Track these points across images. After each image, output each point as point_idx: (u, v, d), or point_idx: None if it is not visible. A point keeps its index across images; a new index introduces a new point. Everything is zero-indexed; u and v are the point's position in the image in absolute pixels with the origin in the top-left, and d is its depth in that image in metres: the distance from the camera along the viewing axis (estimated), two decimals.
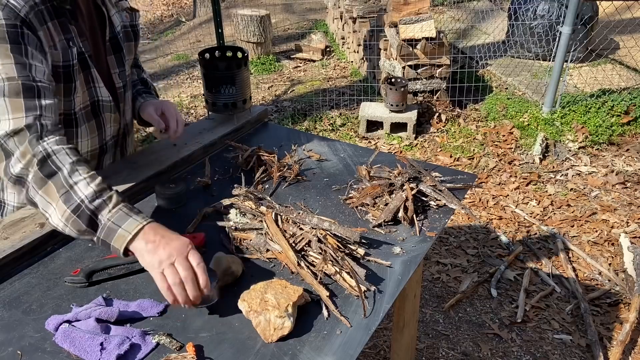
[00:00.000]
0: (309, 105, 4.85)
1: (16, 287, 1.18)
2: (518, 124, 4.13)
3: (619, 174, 3.58)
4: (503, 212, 3.30)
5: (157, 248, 1.02)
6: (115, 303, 1.13)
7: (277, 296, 1.06)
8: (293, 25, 7.40)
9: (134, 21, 1.54)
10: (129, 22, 1.51)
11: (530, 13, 4.92)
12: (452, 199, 1.47)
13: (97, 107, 1.44)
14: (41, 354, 1.01)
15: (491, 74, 4.96)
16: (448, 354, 2.36)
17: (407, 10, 4.34)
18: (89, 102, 1.41)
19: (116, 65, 1.48)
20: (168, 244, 1.03)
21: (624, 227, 3.10)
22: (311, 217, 1.29)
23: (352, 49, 5.84)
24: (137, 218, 1.05)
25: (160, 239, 1.04)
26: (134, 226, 1.04)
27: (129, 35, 1.51)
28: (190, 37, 7.22)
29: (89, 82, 1.39)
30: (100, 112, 1.46)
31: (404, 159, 1.66)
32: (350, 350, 1.02)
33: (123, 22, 1.49)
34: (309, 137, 1.89)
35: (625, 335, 2.33)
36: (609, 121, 3.98)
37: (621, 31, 4.70)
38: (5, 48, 1.13)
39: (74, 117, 1.38)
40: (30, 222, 1.32)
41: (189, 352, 1.00)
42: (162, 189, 1.45)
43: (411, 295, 1.75)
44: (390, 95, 4.07)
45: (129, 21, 1.52)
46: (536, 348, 2.38)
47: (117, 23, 1.46)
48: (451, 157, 3.92)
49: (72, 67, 1.31)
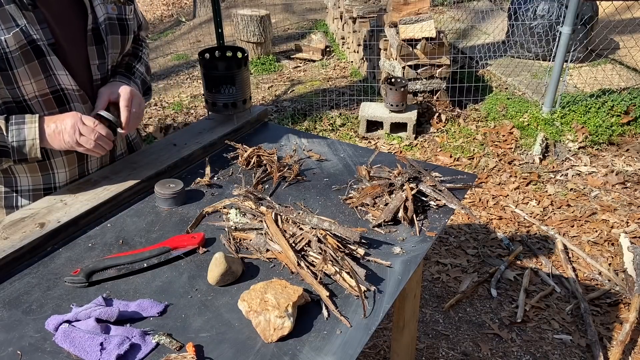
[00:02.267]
0: (309, 105, 4.85)
1: (16, 287, 1.18)
2: (518, 124, 4.13)
3: (619, 174, 3.58)
4: (503, 212, 3.30)
5: (61, 132, 1.30)
6: (115, 303, 1.13)
7: (277, 296, 1.07)
8: (293, 25, 7.40)
9: (122, 14, 1.48)
10: (116, 14, 1.46)
11: (530, 13, 4.92)
12: (452, 199, 1.47)
13: (62, 96, 1.39)
14: (41, 354, 1.01)
15: (491, 74, 4.96)
16: (448, 354, 2.36)
17: (407, 10, 4.34)
18: (49, 90, 1.36)
19: (96, 56, 1.43)
20: (64, 125, 1.30)
21: (624, 227, 3.10)
22: (311, 217, 1.29)
23: (352, 49, 5.84)
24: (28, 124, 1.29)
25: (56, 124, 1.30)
26: (32, 135, 1.29)
27: (114, 28, 1.46)
28: (190, 37, 7.22)
29: (47, 70, 1.33)
30: (67, 102, 1.40)
31: (404, 159, 1.66)
32: (350, 350, 1.02)
33: (109, 14, 1.44)
34: (309, 137, 1.89)
35: (625, 335, 2.33)
36: (609, 121, 3.98)
37: (621, 31, 4.70)
38: None
39: (26, 104, 1.34)
40: (30, 222, 1.32)
41: (189, 352, 1.00)
42: (161, 188, 1.45)
43: (411, 295, 1.75)
44: (390, 95, 4.07)
45: (116, 14, 1.47)
46: (536, 348, 2.38)
47: (100, 14, 1.42)
48: (451, 157, 3.92)
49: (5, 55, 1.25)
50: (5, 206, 1.48)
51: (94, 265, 1.21)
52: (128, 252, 1.26)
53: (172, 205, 1.46)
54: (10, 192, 1.47)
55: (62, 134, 1.31)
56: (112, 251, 1.29)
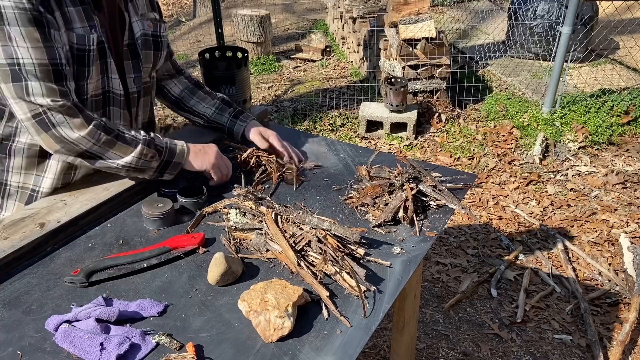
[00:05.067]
0: (309, 105, 4.85)
1: (16, 287, 1.18)
2: (518, 124, 4.13)
3: (619, 174, 3.58)
4: (503, 212, 3.30)
5: (206, 153, 1.49)
6: (115, 303, 1.13)
7: (277, 296, 1.07)
8: (293, 25, 7.40)
9: (157, 31, 1.57)
10: (151, 31, 1.54)
11: (530, 13, 4.92)
12: (452, 199, 1.47)
13: (107, 97, 1.46)
14: (41, 354, 1.01)
15: (491, 74, 4.96)
16: (448, 354, 2.36)
17: (407, 11, 4.34)
18: (101, 90, 1.44)
19: (132, 70, 1.51)
20: (210, 149, 1.50)
21: (624, 227, 3.10)
22: (311, 217, 1.29)
23: (352, 49, 5.84)
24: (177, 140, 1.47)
25: (201, 147, 1.49)
26: (182, 143, 1.46)
27: (148, 44, 1.54)
28: (190, 37, 7.22)
29: (104, 71, 1.42)
30: (109, 104, 1.47)
31: (404, 159, 1.66)
32: (350, 350, 1.02)
33: (144, 31, 1.52)
34: (309, 137, 1.89)
35: (625, 335, 2.33)
36: (609, 121, 3.98)
37: (621, 31, 4.70)
38: (31, 31, 1.20)
39: (85, 102, 1.40)
40: (30, 222, 1.32)
41: (189, 352, 1.00)
42: (149, 209, 1.37)
43: (411, 295, 1.75)
44: (390, 95, 4.07)
45: (152, 30, 1.55)
46: (536, 348, 2.38)
47: (136, 30, 1.50)
48: (451, 157, 3.92)
49: (88, 52, 1.34)
50: None
51: (94, 265, 1.21)
52: (128, 252, 1.26)
53: (161, 227, 1.37)
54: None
55: (207, 154, 1.49)
56: (112, 251, 1.29)
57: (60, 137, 1.28)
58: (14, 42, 1.20)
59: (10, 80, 1.22)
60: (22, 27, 1.20)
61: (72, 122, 1.28)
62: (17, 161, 1.42)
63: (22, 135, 1.39)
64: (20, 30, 1.20)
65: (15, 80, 1.22)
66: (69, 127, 1.28)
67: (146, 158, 1.38)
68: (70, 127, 1.28)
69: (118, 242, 1.32)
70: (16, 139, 1.40)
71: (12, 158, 1.42)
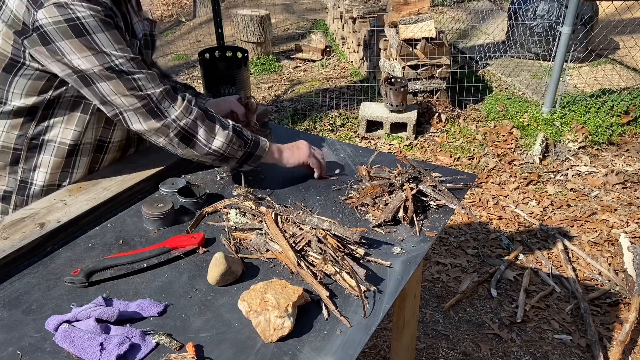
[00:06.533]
0: (309, 105, 4.85)
1: (16, 287, 1.18)
2: (518, 124, 4.13)
3: (619, 174, 3.58)
4: (503, 212, 3.30)
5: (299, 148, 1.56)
6: (115, 303, 1.13)
7: (277, 296, 1.07)
8: (293, 25, 7.40)
9: (152, 31, 1.61)
10: (148, 31, 1.58)
11: (530, 13, 4.92)
12: (452, 199, 1.47)
13: None
14: (41, 354, 1.01)
15: (491, 74, 4.96)
16: (448, 354, 2.36)
17: (407, 10, 4.34)
18: None
19: None
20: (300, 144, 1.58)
21: (624, 227, 3.10)
22: (311, 217, 1.29)
23: (352, 49, 5.84)
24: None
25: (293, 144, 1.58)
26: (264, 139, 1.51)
27: (147, 44, 1.58)
28: (190, 37, 7.22)
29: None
30: None
31: (404, 159, 1.66)
32: (350, 350, 1.02)
33: (144, 31, 1.56)
34: (309, 137, 1.89)
35: (625, 335, 2.33)
36: (609, 121, 3.98)
37: (621, 31, 4.70)
38: (114, 34, 1.28)
39: None
40: (30, 222, 1.32)
41: (189, 352, 1.00)
42: (149, 209, 1.37)
43: (411, 295, 1.75)
44: (390, 95, 4.07)
45: (149, 30, 1.59)
46: (536, 348, 2.38)
47: (138, 31, 1.52)
48: (451, 157, 3.92)
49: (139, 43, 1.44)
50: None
51: (94, 265, 1.21)
52: (128, 252, 1.27)
53: (161, 227, 1.38)
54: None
55: (300, 149, 1.56)
56: (112, 251, 1.29)
57: (166, 120, 1.34)
58: (103, 47, 1.26)
59: (115, 78, 1.28)
60: (107, 32, 1.26)
61: (174, 103, 1.35)
62: (44, 159, 1.43)
63: (52, 133, 1.40)
64: (105, 35, 1.26)
65: (118, 78, 1.29)
66: (173, 108, 1.35)
67: (234, 146, 1.42)
68: (174, 107, 1.35)
69: (118, 242, 1.32)
70: (45, 138, 1.40)
71: (41, 156, 1.43)
